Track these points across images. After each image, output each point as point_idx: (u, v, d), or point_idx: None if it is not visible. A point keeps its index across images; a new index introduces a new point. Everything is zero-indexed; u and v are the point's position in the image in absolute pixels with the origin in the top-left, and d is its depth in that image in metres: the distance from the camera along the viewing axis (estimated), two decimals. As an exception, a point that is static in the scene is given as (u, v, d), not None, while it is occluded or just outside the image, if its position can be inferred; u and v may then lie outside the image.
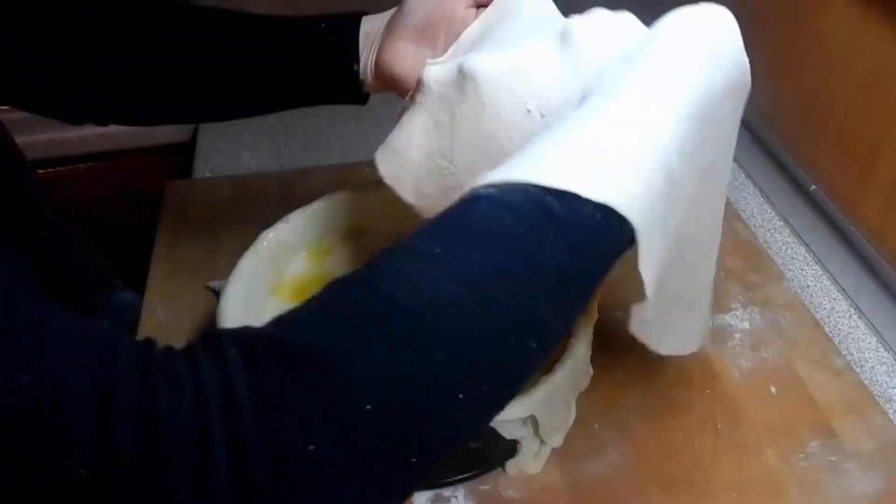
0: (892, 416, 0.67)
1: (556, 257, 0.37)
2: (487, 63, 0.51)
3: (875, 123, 0.76)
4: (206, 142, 1.06)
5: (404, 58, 0.59)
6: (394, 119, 0.58)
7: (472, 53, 0.53)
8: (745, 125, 0.97)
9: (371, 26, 0.61)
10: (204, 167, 1.02)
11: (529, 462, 0.64)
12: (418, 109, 0.55)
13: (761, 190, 0.93)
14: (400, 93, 0.60)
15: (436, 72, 0.53)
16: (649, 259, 0.41)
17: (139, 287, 0.80)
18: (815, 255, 0.85)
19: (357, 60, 0.61)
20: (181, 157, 1.11)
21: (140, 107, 0.66)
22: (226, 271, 0.71)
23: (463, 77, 0.52)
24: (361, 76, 0.62)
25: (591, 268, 0.39)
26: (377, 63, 0.60)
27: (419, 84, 0.54)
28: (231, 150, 1.04)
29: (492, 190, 0.38)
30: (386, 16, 0.61)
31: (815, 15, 0.83)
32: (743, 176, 0.96)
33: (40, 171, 1.14)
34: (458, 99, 0.52)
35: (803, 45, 0.86)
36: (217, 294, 0.73)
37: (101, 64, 0.62)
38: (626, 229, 0.38)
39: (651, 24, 0.46)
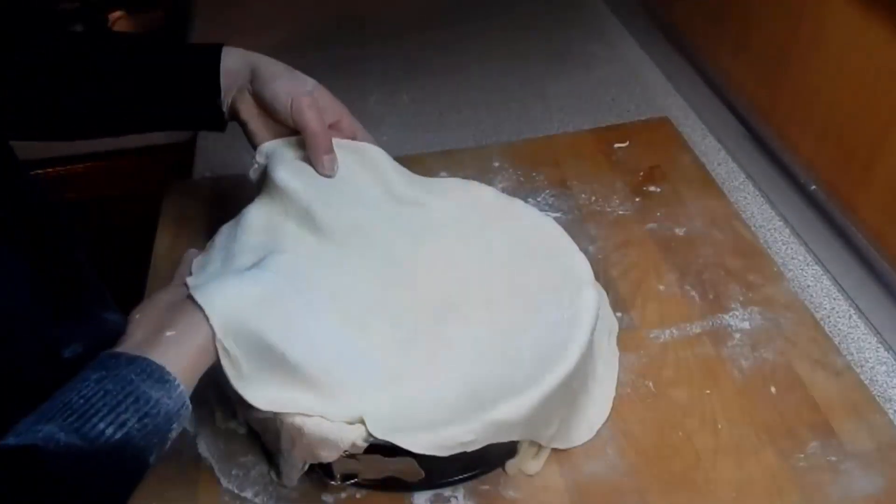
0: (892, 416, 0.67)
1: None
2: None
3: (875, 123, 0.76)
4: (205, 142, 1.06)
5: (257, 116, 0.71)
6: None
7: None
8: (746, 125, 0.97)
9: (231, 64, 0.69)
10: (204, 167, 1.02)
11: (529, 462, 0.64)
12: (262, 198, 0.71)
13: (761, 190, 0.93)
14: (246, 134, 0.73)
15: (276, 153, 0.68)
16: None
17: (139, 288, 0.80)
18: (815, 255, 0.85)
19: (219, 93, 0.69)
20: (181, 157, 1.11)
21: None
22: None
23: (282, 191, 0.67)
24: (223, 107, 0.70)
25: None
26: (233, 103, 0.70)
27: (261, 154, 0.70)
28: (231, 150, 1.04)
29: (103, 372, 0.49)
30: (246, 56, 0.69)
31: (814, 15, 0.83)
32: (743, 176, 0.96)
33: (39, 172, 1.14)
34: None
35: (803, 45, 0.86)
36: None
37: None
38: None
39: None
